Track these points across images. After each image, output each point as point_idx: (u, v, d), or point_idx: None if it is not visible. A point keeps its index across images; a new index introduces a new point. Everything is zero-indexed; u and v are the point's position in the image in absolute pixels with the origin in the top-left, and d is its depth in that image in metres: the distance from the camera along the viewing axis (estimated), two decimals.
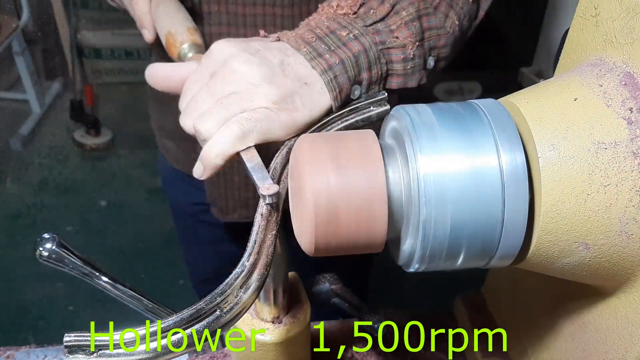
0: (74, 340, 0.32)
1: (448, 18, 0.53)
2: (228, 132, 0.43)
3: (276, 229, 0.40)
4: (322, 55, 0.47)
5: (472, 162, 0.35)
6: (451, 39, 0.54)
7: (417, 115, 0.37)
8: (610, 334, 0.41)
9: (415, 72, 0.51)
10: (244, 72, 0.45)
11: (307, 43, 0.47)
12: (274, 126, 0.44)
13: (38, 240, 0.45)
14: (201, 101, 0.45)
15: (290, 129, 0.45)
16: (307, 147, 0.37)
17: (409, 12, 0.49)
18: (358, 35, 0.48)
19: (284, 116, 0.44)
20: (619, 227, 0.35)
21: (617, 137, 0.35)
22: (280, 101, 0.44)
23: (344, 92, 0.47)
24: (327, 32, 0.48)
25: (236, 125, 0.43)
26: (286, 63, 0.46)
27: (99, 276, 0.46)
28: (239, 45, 0.46)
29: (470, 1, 0.56)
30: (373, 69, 0.48)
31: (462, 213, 0.35)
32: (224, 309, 0.35)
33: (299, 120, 0.45)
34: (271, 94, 0.44)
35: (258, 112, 0.43)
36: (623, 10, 0.37)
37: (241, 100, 0.44)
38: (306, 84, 0.46)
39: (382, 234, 0.37)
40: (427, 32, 0.51)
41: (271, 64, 0.45)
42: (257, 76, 0.44)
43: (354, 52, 0.47)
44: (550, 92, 0.38)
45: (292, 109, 0.45)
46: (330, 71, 0.46)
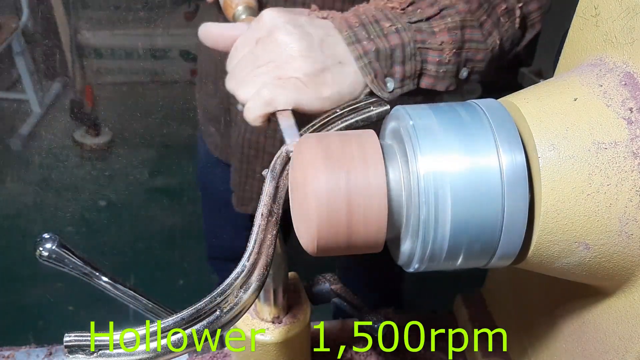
0: (74, 340, 0.32)
1: (491, 36, 0.54)
2: (259, 97, 0.47)
3: (276, 229, 0.40)
4: (360, 42, 0.49)
5: (472, 162, 0.35)
6: (489, 56, 0.55)
7: (417, 115, 0.37)
8: (610, 334, 0.41)
9: (446, 77, 0.52)
10: (285, 44, 0.48)
11: (350, 27, 0.50)
12: (301, 96, 0.47)
13: (38, 240, 0.45)
14: (244, 65, 0.50)
15: (317, 100, 0.48)
16: (309, 147, 0.37)
17: (454, 19, 0.51)
18: (400, 30, 0.50)
19: (312, 88, 0.48)
20: (619, 227, 0.35)
21: (617, 137, 0.35)
22: (311, 74, 0.48)
23: (379, 77, 0.50)
24: (372, 20, 0.50)
25: (266, 91, 0.47)
26: (326, 41, 0.49)
27: (99, 276, 0.46)
28: (286, 17, 0.50)
29: (516, 27, 0.58)
30: (407, 65, 0.50)
31: (462, 213, 0.35)
32: (224, 309, 0.35)
33: (326, 94, 0.48)
34: (304, 67, 0.48)
35: (289, 81, 0.47)
36: (623, 10, 0.37)
37: (276, 69, 0.48)
38: (340, 63, 0.49)
39: (382, 234, 0.37)
40: (467, 44, 0.53)
41: (311, 39, 0.49)
42: (296, 49, 0.48)
43: (392, 44, 0.49)
44: (550, 92, 0.38)
45: (321, 83, 0.48)
46: (365, 57, 0.49)
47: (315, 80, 0.48)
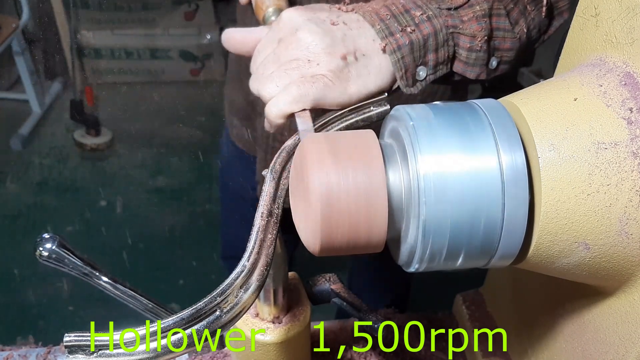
0: (74, 340, 0.32)
1: (517, 25, 0.54)
2: (286, 94, 0.47)
3: (276, 229, 0.40)
4: (393, 34, 0.49)
5: (472, 162, 0.35)
6: (517, 45, 0.55)
7: (417, 115, 0.37)
8: (610, 334, 0.41)
9: (477, 65, 0.53)
10: (308, 42, 0.48)
11: (382, 20, 0.49)
12: (328, 93, 0.47)
13: (38, 240, 0.45)
14: (268, 66, 0.50)
15: (343, 96, 0.48)
16: (312, 148, 0.37)
17: (482, 7, 0.51)
18: (431, 17, 0.50)
19: (337, 84, 0.48)
20: (619, 227, 0.35)
21: (617, 137, 0.35)
22: (336, 70, 0.48)
23: (409, 72, 0.50)
24: (402, 10, 0.50)
25: (294, 88, 0.46)
26: (348, 35, 0.49)
27: (99, 276, 0.46)
28: (306, 15, 0.50)
29: (542, 15, 0.58)
30: (440, 51, 0.50)
31: (462, 213, 0.35)
32: (224, 309, 0.35)
33: (352, 90, 0.48)
34: (329, 64, 0.48)
35: (315, 78, 0.47)
36: (623, 10, 0.37)
37: (301, 67, 0.48)
38: (364, 56, 0.49)
39: (382, 234, 0.37)
40: (495, 32, 0.53)
41: (334, 35, 0.48)
42: (319, 46, 0.48)
43: (424, 34, 0.49)
44: (550, 92, 0.38)
45: (346, 78, 0.48)
46: (399, 51, 0.49)
47: (340, 76, 0.48)
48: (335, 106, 0.48)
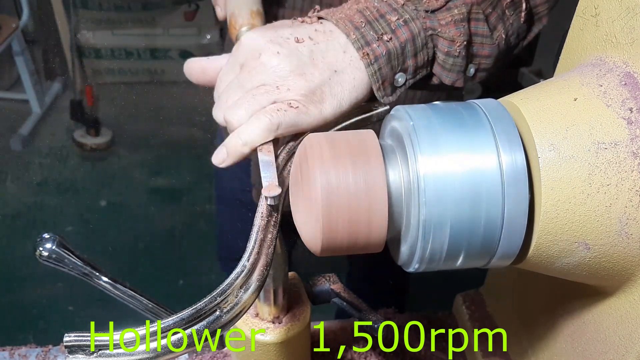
0: (74, 340, 0.32)
1: (496, 30, 0.53)
2: (257, 122, 0.43)
3: (276, 229, 0.40)
4: (369, 44, 0.46)
5: (472, 162, 0.35)
6: (495, 51, 0.53)
7: (417, 115, 0.37)
8: (610, 334, 0.41)
9: (453, 70, 0.51)
10: (273, 65, 0.45)
11: (356, 28, 0.47)
12: (302, 118, 0.44)
13: (38, 240, 0.45)
14: (232, 93, 0.46)
15: (318, 120, 0.45)
16: (313, 147, 0.37)
17: (460, 10, 0.49)
18: (408, 21, 0.47)
19: (312, 108, 0.45)
20: (619, 227, 0.35)
21: (617, 137, 0.35)
22: (309, 93, 0.45)
23: (387, 82, 0.48)
24: (377, 15, 0.47)
25: (266, 116, 0.43)
26: (315, 51, 0.46)
27: (99, 276, 0.46)
28: (268, 35, 0.47)
29: (521, 20, 0.56)
30: (419, 55, 0.48)
31: (462, 213, 0.35)
32: (224, 309, 0.35)
33: (327, 111, 0.46)
34: (300, 87, 0.45)
35: (286, 104, 0.44)
36: (623, 10, 0.37)
37: (270, 92, 0.44)
38: (336, 72, 0.46)
39: (382, 234, 0.37)
40: (473, 37, 0.51)
41: (300, 54, 0.46)
42: (286, 68, 0.45)
43: (402, 41, 0.47)
44: (550, 92, 0.38)
45: (320, 100, 0.45)
46: (376, 63, 0.47)
47: (313, 99, 0.45)
48: (311, 129, 0.45)
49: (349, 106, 0.47)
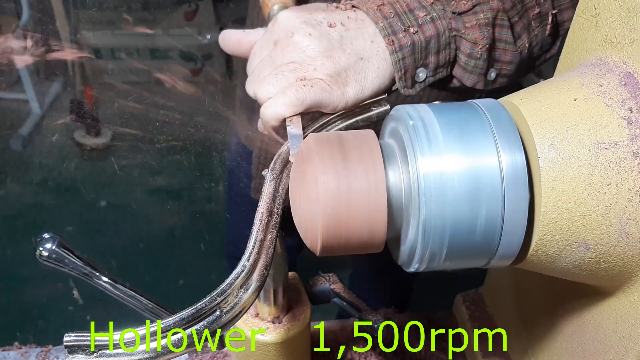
0: (74, 340, 0.32)
1: (520, 39, 0.54)
2: (283, 97, 0.46)
3: (276, 229, 0.40)
4: (396, 34, 0.48)
5: (472, 162, 0.35)
6: (517, 58, 0.54)
7: (417, 116, 0.37)
8: (610, 334, 0.41)
9: (474, 73, 0.52)
10: (304, 45, 0.47)
11: (385, 17, 0.49)
12: (326, 97, 0.46)
13: (38, 240, 0.45)
14: (263, 68, 0.49)
15: (340, 101, 0.47)
16: (314, 148, 0.37)
17: (486, 15, 0.50)
18: (435, 18, 0.49)
19: (336, 89, 0.47)
20: (619, 227, 0.35)
21: (617, 137, 0.35)
22: (334, 74, 0.47)
23: (408, 73, 0.49)
24: (406, 9, 0.49)
25: (292, 91, 0.46)
26: (345, 37, 0.48)
27: (99, 276, 0.46)
28: (303, 17, 0.49)
29: (546, 33, 0.56)
30: (441, 54, 0.50)
31: (462, 213, 0.35)
32: (224, 309, 0.35)
33: (350, 94, 0.48)
34: (326, 67, 0.47)
35: (313, 82, 0.46)
36: (623, 10, 0.37)
37: (299, 70, 0.47)
38: (362, 59, 0.48)
39: (382, 234, 0.37)
40: (496, 42, 0.52)
41: (330, 37, 0.48)
42: (316, 49, 0.47)
43: (427, 36, 0.48)
44: (550, 92, 0.38)
45: (344, 82, 0.47)
46: (400, 52, 0.48)
47: (338, 80, 0.47)
48: (332, 110, 0.48)
49: (371, 93, 0.49)
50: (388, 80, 0.49)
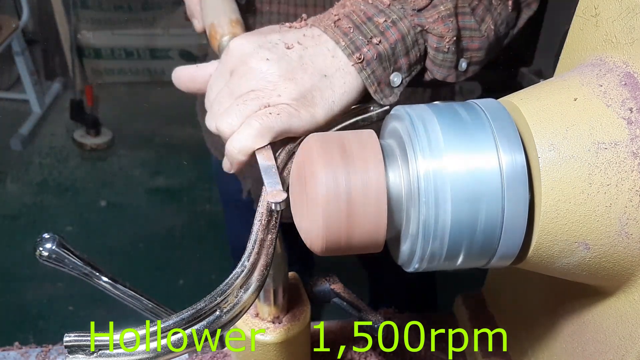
0: (74, 340, 0.32)
1: (484, 22, 0.52)
2: (249, 127, 0.43)
3: (276, 229, 0.40)
4: (360, 49, 0.46)
5: (472, 162, 0.35)
6: (485, 43, 0.53)
7: (417, 116, 0.37)
8: (610, 334, 0.41)
9: (444, 66, 0.50)
10: (263, 70, 0.45)
11: (345, 34, 0.47)
12: (294, 122, 0.44)
13: (38, 240, 0.45)
14: (222, 100, 0.46)
15: (310, 124, 0.45)
16: (314, 148, 0.37)
17: (447, 7, 0.48)
18: (396, 21, 0.47)
19: (303, 112, 0.44)
20: (619, 227, 0.35)
21: (617, 137, 0.35)
22: (299, 97, 0.45)
23: (382, 83, 0.48)
24: (364, 19, 0.47)
25: (256, 121, 0.43)
26: (305, 56, 0.46)
27: (99, 276, 0.46)
28: (256, 41, 0.46)
29: (509, 9, 0.55)
30: (411, 53, 0.48)
31: (462, 213, 0.35)
32: (224, 309, 0.35)
33: (319, 115, 0.45)
34: (290, 91, 0.44)
35: (279, 108, 0.44)
36: (623, 10, 0.37)
37: (260, 97, 0.44)
38: (325, 77, 0.46)
39: (382, 234, 0.37)
40: (462, 32, 0.50)
41: (289, 59, 0.45)
42: (275, 73, 0.45)
43: (391, 42, 0.47)
44: (550, 92, 0.38)
45: (311, 104, 0.45)
46: (368, 67, 0.46)
47: (304, 103, 0.45)
48: (302, 133, 0.45)
49: (340, 110, 0.47)
50: (357, 94, 0.47)
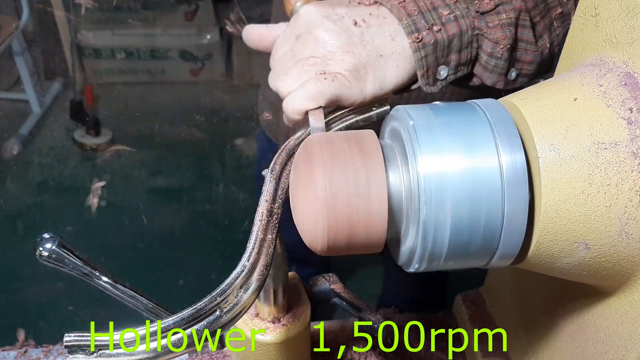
0: (74, 340, 0.32)
1: (541, 39, 0.53)
2: (304, 90, 0.46)
3: (276, 229, 0.40)
4: (419, 31, 0.48)
5: (472, 162, 0.35)
6: (538, 58, 0.54)
7: (417, 115, 0.37)
8: (610, 334, 0.41)
9: (495, 72, 0.52)
10: (325, 40, 0.48)
11: (409, 15, 0.49)
12: (345, 92, 0.47)
13: (38, 240, 0.45)
14: (285, 62, 0.49)
15: (358, 97, 0.48)
16: (314, 148, 0.37)
17: (509, 15, 0.50)
18: (459, 17, 0.49)
19: (355, 84, 0.47)
20: (619, 227, 0.35)
21: (617, 137, 0.35)
22: (353, 70, 0.47)
23: (430, 70, 0.50)
24: (430, 7, 0.49)
25: (312, 85, 0.46)
26: (366, 33, 0.48)
27: (99, 276, 0.46)
28: (324, 12, 0.49)
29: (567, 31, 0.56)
30: (463, 52, 0.50)
31: (462, 213, 0.35)
32: (224, 309, 0.35)
33: (368, 90, 0.48)
34: (346, 63, 0.47)
35: (333, 76, 0.47)
36: (623, 10, 0.37)
37: (319, 64, 0.47)
38: (382, 56, 0.48)
39: (382, 234, 0.37)
40: (518, 42, 0.52)
41: (351, 33, 0.48)
42: (336, 44, 0.47)
43: (450, 34, 0.49)
44: (550, 92, 0.38)
45: (363, 79, 0.48)
46: (423, 50, 0.48)
47: (357, 76, 0.47)
48: (350, 105, 0.48)
49: (389, 91, 0.49)
50: (406, 78, 0.50)
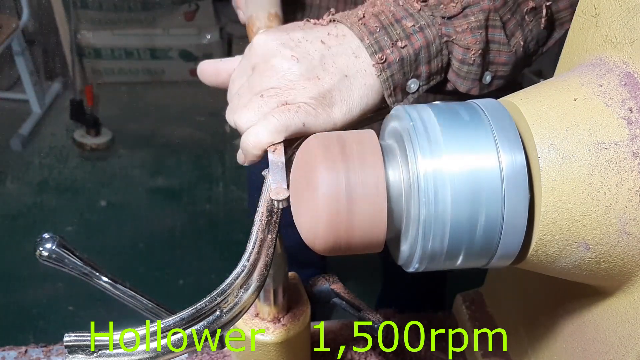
0: (74, 340, 0.32)
1: (514, 37, 0.51)
2: (265, 123, 0.43)
3: (276, 229, 0.40)
4: (383, 50, 0.46)
5: (472, 162, 0.35)
6: (512, 59, 0.52)
7: (418, 115, 0.37)
8: (611, 334, 0.41)
9: (468, 78, 0.50)
10: (284, 69, 0.45)
11: (371, 33, 0.46)
12: (311, 121, 0.44)
13: (38, 240, 0.45)
14: (242, 95, 0.47)
15: (327, 124, 0.45)
16: (317, 147, 0.37)
17: (477, 18, 0.48)
18: (424, 27, 0.47)
19: (321, 112, 0.44)
20: (619, 227, 0.35)
21: (617, 137, 0.35)
22: (318, 97, 0.45)
23: (398, 88, 0.47)
24: (392, 20, 0.47)
25: (274, 117, 0.43)
26: (327, 55, 0.46)
27: (99, 276, 0.46)
28: (279, 38, 0.47)
29: (542, 26, 0.54)
30: (433, 62, 0.48)
31: (462, 213, 0.35)
32: (224, 309, 0.35)
33: (336, 115, 0.45)
34: (309, 90, 0.45)
35: (296, 106, 0.44)
36: (623, 10, 0.37)
37: (280, 95, 0.44)
38: (346, 77, 0.46)
39: (382, 234, 0.37)
40: (490, 45, 0.50)
41: (311, 58, 0.45)
42: (296, 72, 0.45)
43: (416, 48, 0.46)
44: (550, 92, 0.38)
45: (330, 104, 0.45)
46: (388, 69, 0.46)
47: (322, 102, 0.45)
48: (320, 132, 0.44)
49: (359, 112, 0.47)
50: (377, 96, 0.47)
